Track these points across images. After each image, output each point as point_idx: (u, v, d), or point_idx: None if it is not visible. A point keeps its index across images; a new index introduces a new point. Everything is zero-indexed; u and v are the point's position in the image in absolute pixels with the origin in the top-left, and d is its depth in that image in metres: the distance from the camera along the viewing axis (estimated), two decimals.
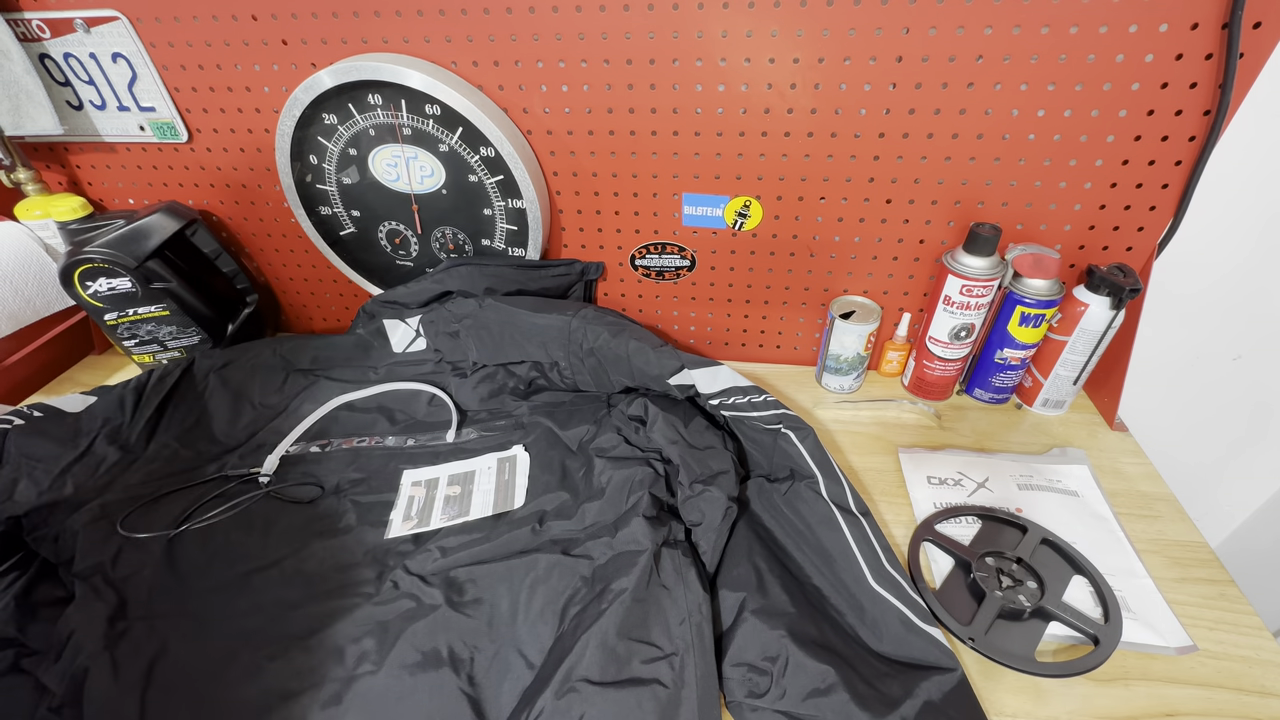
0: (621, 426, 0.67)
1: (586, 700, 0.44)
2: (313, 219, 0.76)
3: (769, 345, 0.82)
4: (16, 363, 0.77)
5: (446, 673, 0.47)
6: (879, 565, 0.52)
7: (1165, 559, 0.56)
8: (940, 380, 0.74)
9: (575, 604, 0.51)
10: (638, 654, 0.47)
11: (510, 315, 0.71)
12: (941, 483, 0.64)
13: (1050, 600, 0.51)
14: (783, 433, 0.61)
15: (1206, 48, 0.53)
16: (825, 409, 0.75)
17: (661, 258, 0.76)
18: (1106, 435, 0.70)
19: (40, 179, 0.75)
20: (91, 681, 0.46)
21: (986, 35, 0.55)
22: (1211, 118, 0.56)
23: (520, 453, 0.66)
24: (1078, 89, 0.57)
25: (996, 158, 0.62)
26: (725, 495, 0.57)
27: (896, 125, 0.61)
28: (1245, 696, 0.46)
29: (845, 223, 0.69)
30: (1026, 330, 0.67)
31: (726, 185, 0.68)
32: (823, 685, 0.45)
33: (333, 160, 0.71)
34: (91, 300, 0.71)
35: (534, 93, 0.64)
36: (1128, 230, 0.65)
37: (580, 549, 0.55)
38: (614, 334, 0.68)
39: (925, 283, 0.73)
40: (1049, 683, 0.47)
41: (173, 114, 0.71)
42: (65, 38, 0.67)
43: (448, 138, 0.67)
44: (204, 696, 0.47)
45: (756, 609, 0.50)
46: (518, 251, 0.75)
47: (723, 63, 0.60)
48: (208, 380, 0.72)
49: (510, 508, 0.60)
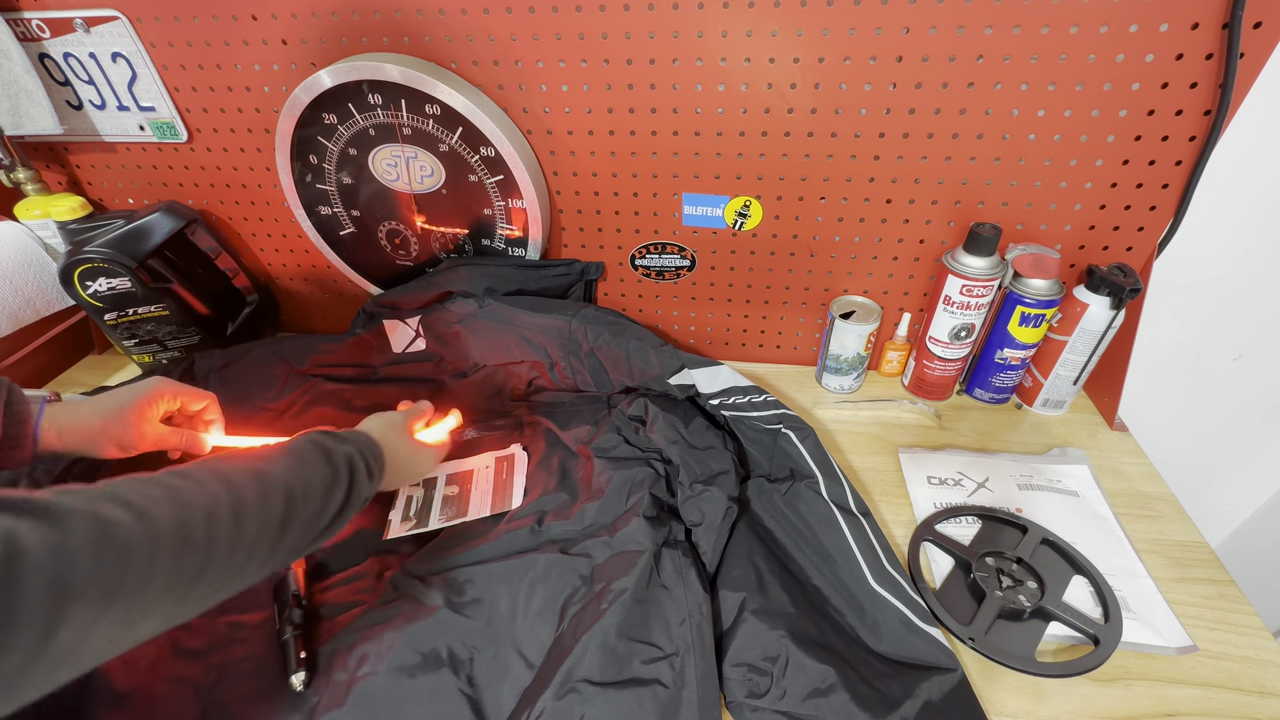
0: (621, 426, 0.67)
1: (587, 700, 0.44)
2: (313, 219, 0.76)
3: (769, 345, 0.82)
4: (16, 363, 0.77)
5: (446, 674, 0.47)
6: (879, 565, 0.52)
7: (1165, 559, 0.56)
8: (940, 380, 0.74)
9: (574, 603, 0.51)
10: (638, 654, 0.47)
11: (510, 315, 0.71)
12: (941, 483, 0.64)
13: (1050, 600, 0.51)
14: (783, 433, 0.61)
15: (1207, 48, 0.53)
16: (825, 409, 0.75)
17: (661, 258, 0.76)
18: (1106, 435, 0.70)
19: (40, 179, 0.75)
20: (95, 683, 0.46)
21: (987, 35, 0.55)
22: (1212, 117, 0.56)
23: (519, 451, 0.66)
24: (1078, 89, 0.57)
25: (997, 158, 0.62)
26: (725, 495, 0.57)
27: (896, 125, 0.61)
28: (1245, 696, 0.46)
29: (845, 223, 0.69)
30: (1027, 330, 0.67)
31: (726, 185, 0.68)
32: (823, 685, 0.45)
33: (333, 160, 0.71)
34: (91, 300, 0.71)
35: (534, 93, 0.64)
36: (1128, 230, 0.65)
37: (579, 548, 0.55)
38: (614, 334, 0.68)
39: (925, 283, 0.73)
40: (1049, 683, 0.47)
41: (173, 114, 0.71)
42: (65, 37, 0.67)
43: (448, 138, 0.67)
44: (206, 696, 0.47)
45: (757, 609, 0.50)
46: (517, 251, 0.75)
47: (723, 63, 0.60)
48: (208, 380, 0.72)
49: (508, 508, 0.60)
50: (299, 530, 0.42)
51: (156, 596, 0.33)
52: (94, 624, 0.30)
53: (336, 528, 0.46)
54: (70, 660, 0.30)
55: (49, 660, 0.29)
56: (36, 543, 0.29)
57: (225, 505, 0.38)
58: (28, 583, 0.28)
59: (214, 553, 0.36)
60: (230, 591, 0.38)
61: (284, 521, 0.41)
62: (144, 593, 0.33)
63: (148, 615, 0.33)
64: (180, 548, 0.35)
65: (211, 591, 0.37)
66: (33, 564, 0.28)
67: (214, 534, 0.36)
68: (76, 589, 0.29)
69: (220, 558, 0.37)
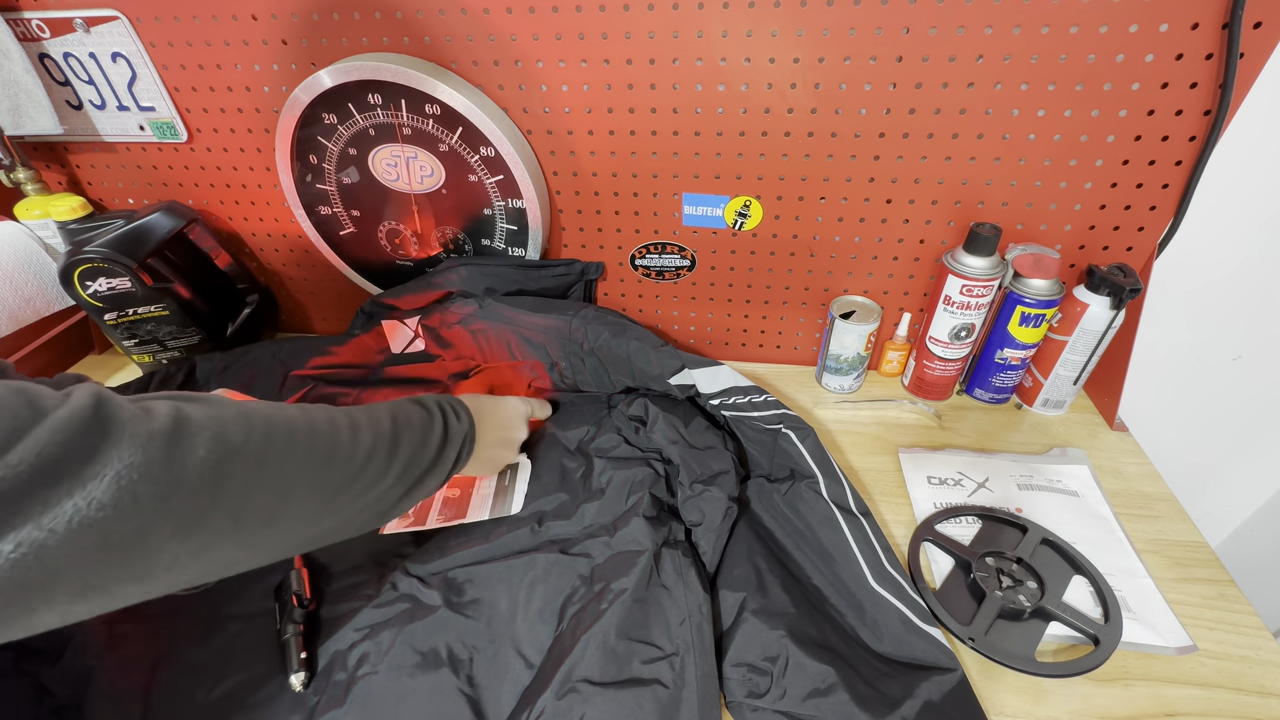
0: (621, 427, 0.67)
1: (587, 700, 0.44)
2: (313, 219, 0.76)
3: (769, 345, 0.82)
4: (16, 363, 0.77)
5: (446, 673, 0.47)
6: (879, 565, 0.52)
7: (1165, 559, 0.56)
8: (940, 380, 0.74)
9: (574, 603, 0.51)
10: (638, 654, 0.47)
11: (510, 315, 0.71)
12: (941, 483, 0.64)
13: (1050, 600, 0.51)
14: (783, 433, 0.61)
15: (1207, 48, 0.53)
16: (825, 409, 0.75)
17: (661, 258, 0.76)
18: (1106, 435, 0.70)
19: (40, 179, 0.75)
20: (96, 683, 0.46)
21: (987, 35, 0.55)
22: (1212, 118, 0.56)
23: (523, 459, 0.65)
24: (1078, 89, 0.57)
25: (997, 157, 0.62)
26: (725, 495, 0.57)
27: (896, 125, 0.61)
28: (1245, 696, 0.46)
29: (845, 223, 0.69)
30: (1027, 330, 0.67)
31: (726, 185, 0.68)
32: (823, 685, 0.45)
33: (333, 160, 0.70)
34: (91, 300, 0.71)
35: (534, 93, 0.64)
36: (1128, 230, 0.65)
37: (579, 548, 0.55)
38: (614, 334, 0.68)
39: (925, 283, 0.73)
40: (1049, 683, 0.47)
41: (172, 114, 0.71)
42: (65, 37, 0.67)
43: (448, 138, 0.67)
44: (207, 697, 0.47)
45: (757, 609, 0.50)
46: (518, 251, 0.75)
47: (723, 63, 0.60)
48: (209, 384, 0.73)
49: (508, 513, 0.59)
50: (409, 451, 0.46)
51: (297, 475, 0.37)
52: (250, 487, 0.34)
53: (442, 466, 0.49)
54: (241, 524, 0.34)
55: (221, 515, 0.33)
56: (196, 411, 0.33)
57: (340, 414, 0.43)
58: (195, 436, 0.32)
59: (338, 448, 0.40)
60: (363, 511, 0.42)
61: (394, 437, 0.45)
62: (285, 468, 0.37)
63: (292, 496, 0.37)
64: (310, 434, 0.39)
65: (345, 497, 0.40)
66: (197, 424, 0.33)
67: (336, 433, 0.41)
68: (234, 445, 0.34)
69: (344, 453, 0.41)
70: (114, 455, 0.28)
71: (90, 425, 0.28)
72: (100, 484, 0.28)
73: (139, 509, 0.29)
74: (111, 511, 0.28)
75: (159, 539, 0.30)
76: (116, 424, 0.29)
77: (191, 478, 0.31)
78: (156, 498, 0.29)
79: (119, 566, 0.29)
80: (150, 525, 0.29)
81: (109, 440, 0.29)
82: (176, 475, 0.31)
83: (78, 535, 0.27)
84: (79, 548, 0.27)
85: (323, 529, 0.40)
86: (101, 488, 0.28)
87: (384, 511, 0.45)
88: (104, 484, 0.28)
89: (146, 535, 0.29)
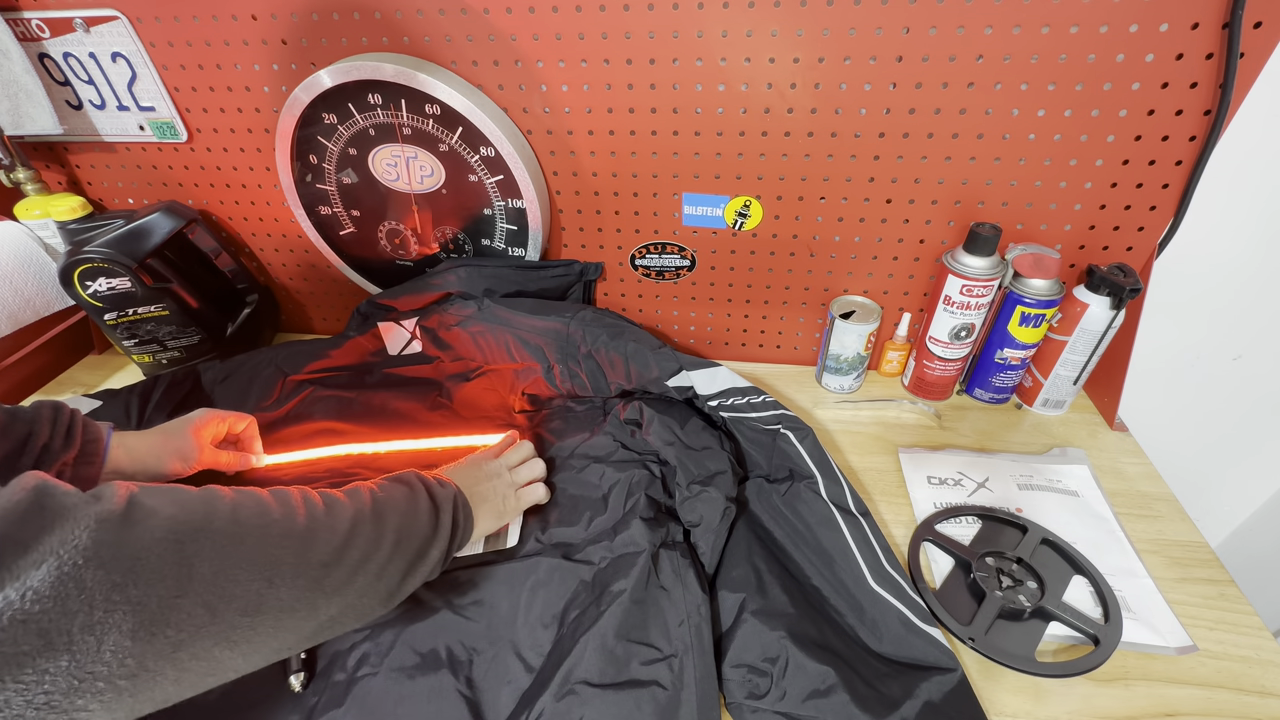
0: (617, 432, 0.66)
1: (585, 702, 0.44)
2: (313, 219, 0.76)
3: (769, 345, 0.82)
4: (16, 363, 0.77)
5: (445, 675, 0.47)
6: (879, 565, 0.52)
7: (1165, 559, 0.56)
8: (940, 380, 0.74)
9: (575, 608, 0.51)
10: (637, 655, 0.47)
11: (508, 317, 0.71)
12: (941, 483, 0.64)
13: (1050, 600, 0.51)
14: (782, 433, 0.61)
15: (1207, 47, 0.53)
16: (825, 409, 0.75)
17: (661, 258, 0.76)
18: (1106, 435, 0.70)
19: (40, 178, 0.75)
20: None
21: (987, 35, 0.55)
22: (1212, 117, 0.56)
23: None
24: (1078, 89, 0.57)
25: (997, 157, 0.62)
26: (723, 495, 0.57)
27: (896, 125, 0.61)
28: (1245, 696, 0.46)
29: (845, 223, 0.69)
30: (1027, 330, 0.67)
31: (726, 185, 0.68)
32: (823, 686, 0.45)
33: (333, 160, 0.70)
34: (91, 300, 0.71)
35: (534, 93, 0.64)
36: (1128, 230, 0.65)
37: (581, 554, 0.55)
38: (612, 336, 0.68)
39: (925, 283, 0.73)
40: (1049, 683, 0.47)
41: (172, 114, 0.71)
42: (65, 37, 0.67)
43: (448, 138, 0.67)
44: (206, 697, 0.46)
45: (756, 610, 0.50)
46: (518, 251, 0.75)
47: (723, 63, 0.60)
48: (213, 393, 0.73)
49: (503, 546, 0.56)
50: (397, 519, 0.43)
51: (276, 552, 0.33)
52: (224, 569, 0.30)
53: (441, 535, 0.46)
54: (219, 614, 0.30)
55: (193, 603, 0.29)
56: (152, 493, 0.30)
57: (308, 491, 0.39)
58: (152, 517, 0.29)
59: (315, 521, 0.36)
60: (365, 593, 0.39)
61: (374, 507, 0.42)
62: (263, 545, 0.32)
63: (276, 578, 0.33)
64: (284, 507, 0.35)
65: (337, 575, 0.36)
66: (151, 505, 0.29)
67: (310, 506, 0.37)
68: (196, 524, 0.30)
69: (323, 524, 0.37)
70: (54, 540, 0.25)
71: (28, 512, 0.25)
72: (38, 572, 0.24)
73: (87, 599, 0.25)
74: (51, 604, 0.24)
75: (116, 636, 0.26)
76: (60, 509, 0.26)
77: (150, 561, 0.27)
78: (109, 585, 0.25)
79: (68, 676, 0.24)
80: (102, 620, 0.25)
81: (49, 527, 0.25)
82: (132, 558, 0.27)
83: (7, 633, 0.23)
84: (12, 651, 0.23)
85: (321, 618, 0.36)
86: (39, 575, 0.24)
87: (390, 591, 0.41)
88: (42, 571, 0.24)
89: (99, 632, 0.25)
